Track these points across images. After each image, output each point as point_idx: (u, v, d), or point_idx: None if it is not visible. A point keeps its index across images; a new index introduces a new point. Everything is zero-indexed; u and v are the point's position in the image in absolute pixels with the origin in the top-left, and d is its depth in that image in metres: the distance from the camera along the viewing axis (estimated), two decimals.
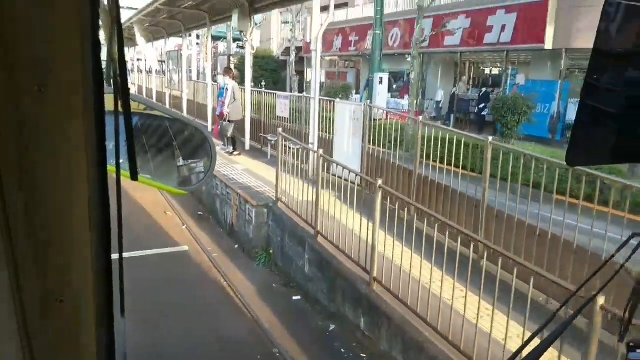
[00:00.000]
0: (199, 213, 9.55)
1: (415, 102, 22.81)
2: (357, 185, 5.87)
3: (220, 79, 11.26)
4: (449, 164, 6.32)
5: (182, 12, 13.48)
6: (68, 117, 0.52)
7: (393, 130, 7.57)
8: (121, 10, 0.54)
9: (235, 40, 32.15)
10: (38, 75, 0.50)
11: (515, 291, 3.48)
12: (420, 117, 7.39)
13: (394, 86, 24.04)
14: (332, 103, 8.81)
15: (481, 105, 19.31)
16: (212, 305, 6.22)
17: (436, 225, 4.40)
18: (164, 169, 1.20)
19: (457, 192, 6.14)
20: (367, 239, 5.09)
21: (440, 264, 4.28)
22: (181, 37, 17.07)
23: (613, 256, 0.90)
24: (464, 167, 6.14)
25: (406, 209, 4.81)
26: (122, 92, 0.54)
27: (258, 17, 32.70)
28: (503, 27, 17.93)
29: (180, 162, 1.26)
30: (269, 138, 10.34)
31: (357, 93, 23.40)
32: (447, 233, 4.10)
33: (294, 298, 6.32)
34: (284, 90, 23.41)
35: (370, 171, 7.69)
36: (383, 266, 5.01)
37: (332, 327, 5.58)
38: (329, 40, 27.65)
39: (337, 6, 30.21)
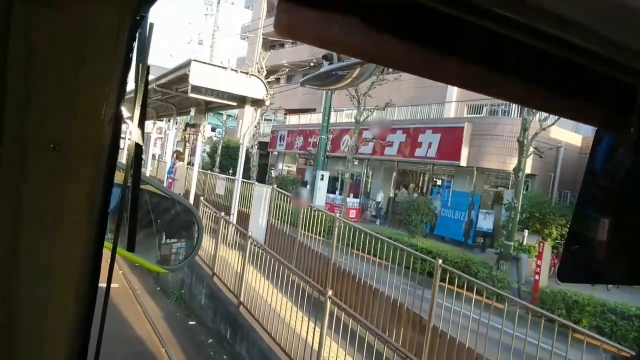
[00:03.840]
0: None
1: (359, 200, 25.68)
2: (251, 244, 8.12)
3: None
4: (318, 234, 8.69)
5: (154, 103, 16.22)
6: (77, 181, 0.50)
7: (289, 212, 9.99)
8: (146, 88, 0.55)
9: (211, 129, 35.54)
10: (55, 135, 0.50)
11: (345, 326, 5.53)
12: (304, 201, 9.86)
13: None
14: (252, 186, 11.28)
15: None
16: (127, 322, 8.10)
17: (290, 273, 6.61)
18: (145, 245, 1.17)
19: (317, 252, 8.45)
20: (241, 274, 7.27)
21: (294, 300, 6.29)
22: (153, 122, 19.81)
23: None
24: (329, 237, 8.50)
25: (266, 256, 7.08)
26: (135, 167, 0.56)
27: (233, 111, 36.21)
28: (430, 144, 21.24)
29: (163, 240, 1.24)
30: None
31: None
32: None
33: (190, 323, 8.30)
34: (249, 178, 26.09)
35: (271, 236, 9.99)
36: (250, 295, 7.15)
37: (210, 340, 7.56)
38: (292, 140, 30.99)
39: (304, 110, 34.04)
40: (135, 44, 0.51)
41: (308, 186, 26.30)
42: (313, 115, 32.34)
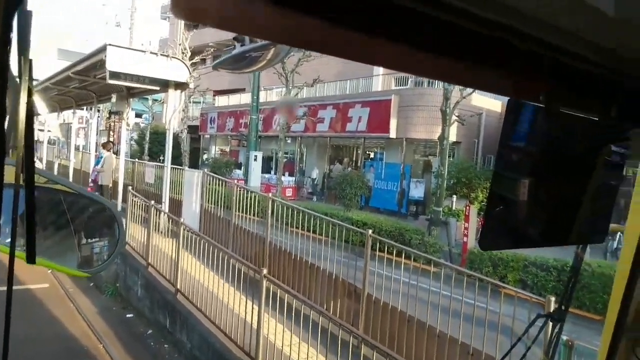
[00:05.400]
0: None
1: (294, 178, 25.75)
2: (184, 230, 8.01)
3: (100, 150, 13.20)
4: (254, 215, 8.72)
5: (72, 91, 15.36)
6: None
7: (223, 195, 9.94)
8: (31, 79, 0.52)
9: (137, 115, 34.11)
10: None
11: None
12: (235, 182, 9.84)
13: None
14: (182, 171, 11.08)
15: None
16: (59, 322, 7.80)
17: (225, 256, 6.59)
18: (62, 248, 1.10)
19: (253, 234, 8.50)
20: (176, 261, 7.18)
21: (230, 280, 6.29)
22: (73, 112, 18.78)
23: (521, 337, 1.05)
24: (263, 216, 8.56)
25: (200, 241, 7.02)
26: (26, 164, 0.51)
27: (159, 95, 34.91)
28: (360, 118, 21.61)
29: (82, 241, 1.16)
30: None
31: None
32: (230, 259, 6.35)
33: (127, 315, 8.14)
34: (181, 164, 25.40)
35: (205, 222, 9.90)
36: (187, 282, 7.09)
37: (150, 330, 7.47)
38: (222, 122, 30.42)
39: (233, 91, 33.36)
40: (14, 35, 0.46)
41: (242, 167, 26.07)
42: (243, 95, 31.80)
